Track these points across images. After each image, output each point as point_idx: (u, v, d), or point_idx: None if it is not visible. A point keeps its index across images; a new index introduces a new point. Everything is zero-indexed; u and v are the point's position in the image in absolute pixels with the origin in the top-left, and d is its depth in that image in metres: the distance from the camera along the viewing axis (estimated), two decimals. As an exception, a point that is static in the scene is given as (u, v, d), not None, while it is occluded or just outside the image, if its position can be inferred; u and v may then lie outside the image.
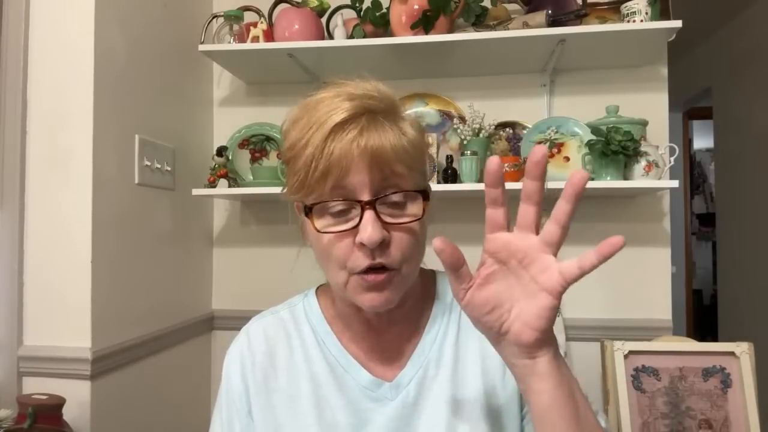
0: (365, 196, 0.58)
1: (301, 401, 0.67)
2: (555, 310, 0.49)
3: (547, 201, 0.49)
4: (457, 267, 0.50)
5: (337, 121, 0.58)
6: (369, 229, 0.57)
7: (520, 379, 0.52)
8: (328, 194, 0.59)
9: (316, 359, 0.69)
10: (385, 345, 0.69)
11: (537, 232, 0.49)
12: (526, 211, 0.49)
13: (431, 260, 0.70)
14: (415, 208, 0.61)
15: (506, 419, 0.67)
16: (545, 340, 0.50)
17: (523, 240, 0.49)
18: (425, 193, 0.62)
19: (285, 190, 0.67)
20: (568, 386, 0.51)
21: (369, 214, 0.58)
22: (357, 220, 0.59)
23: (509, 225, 0.51)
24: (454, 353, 0.69)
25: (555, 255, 0.49)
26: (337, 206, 0.60)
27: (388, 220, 0.59)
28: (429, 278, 0.75)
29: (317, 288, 0.77)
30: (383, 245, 0.59)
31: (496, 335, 0.51)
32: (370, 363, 0.69)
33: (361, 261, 0.59)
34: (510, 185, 1.57)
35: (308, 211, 0.60)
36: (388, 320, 0.68)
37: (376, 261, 0.59)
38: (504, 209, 0.50)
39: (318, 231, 0.60)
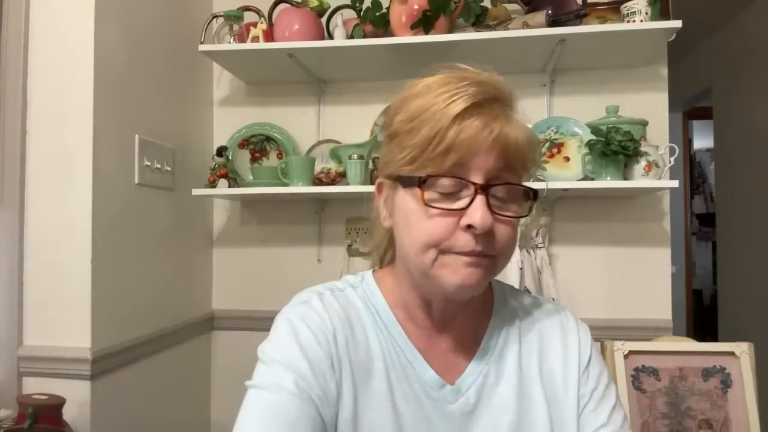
0: (480, 180, 0.57)
1: (374, 378, 0.64)
2: None
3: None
4: None
5: (470, 103, 0.58)
6: (480, 212, 0.56)
7: None
8: (444, 171, 0.57)
9: (384, 342, 0.66)
10: (445, 343, 0.67)
11: None
12: None
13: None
14: (519, 204, 0.61)
15: None
16: None
17: None
18: (535, 193, 0.61)
19: (379, 164, 0.65)
20: None
21: (481, 199, 0.57)
22: (467, 201, 0.57)
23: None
24: (517, 366, 0.67)
25: None
26: (451, 184, 0.58)
27: (496, 210, 0.58)
28: (487, 286, 0.74)
29: (373, 272, 0.73)
30: (488, 233, 0.58)
31: None
32: (431, 360, 0.66)
33: (464, 243, 0.57)
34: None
35: (421, 182, 0.58)
36: (452, 316, 0.67)
37: (478, 248, 0.57)
38: None
39: (426, 204, 0.58)
